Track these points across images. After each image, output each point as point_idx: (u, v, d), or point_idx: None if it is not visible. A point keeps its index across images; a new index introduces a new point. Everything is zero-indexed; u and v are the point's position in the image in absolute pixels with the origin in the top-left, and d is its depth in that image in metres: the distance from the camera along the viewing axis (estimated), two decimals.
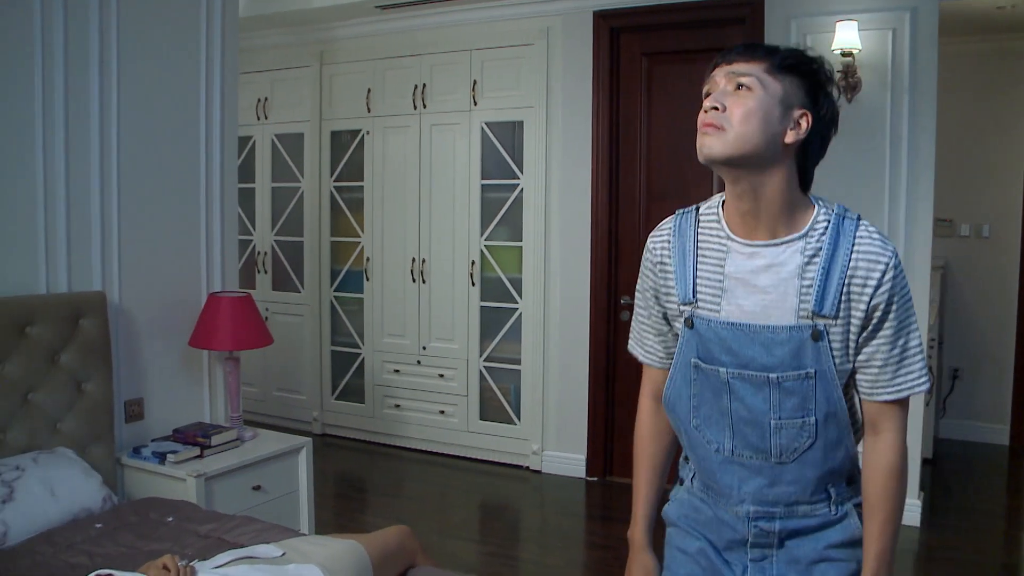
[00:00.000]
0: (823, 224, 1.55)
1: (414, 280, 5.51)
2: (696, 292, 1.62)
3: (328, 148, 5.82)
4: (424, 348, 5.51)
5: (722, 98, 1.52)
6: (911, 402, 1.62)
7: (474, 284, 5.31)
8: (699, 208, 1.68)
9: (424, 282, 5.48)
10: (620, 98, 4.90)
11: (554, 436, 5.15)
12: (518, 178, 5.16)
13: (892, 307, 1.53)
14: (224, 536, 2.68)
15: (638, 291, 1.78)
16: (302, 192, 5.94)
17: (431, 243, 5.44)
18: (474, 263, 5.30)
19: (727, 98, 1.52)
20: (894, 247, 1.55)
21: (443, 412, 5.46)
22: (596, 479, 5.00)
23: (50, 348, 3.04)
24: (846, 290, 1.52)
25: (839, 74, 4.12)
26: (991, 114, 5.58)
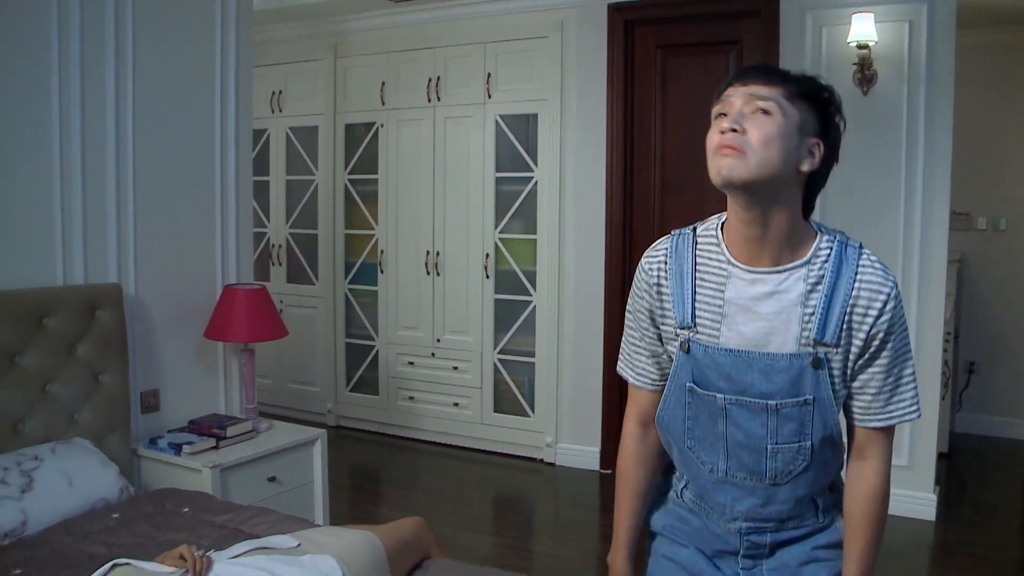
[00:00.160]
0: (825, 251, 1.55)
1: (428, 273, 5.52)
2: (695, 317, 1.60)
3: (342, 141, 5.83)
4: (438, 340, 5.52)
5: (741, 120, 1.49)
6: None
7: (488, 277, 5.31)
8: (696, 229, 1.66)
9: (438, 275, 5.49)
10: (635, 91, 4.89)
11: (568, 429, 5.15)
12: (532, 171, 5.16)
13: (891, 337, 1.54)
14: (240, 527, 2.70)
15: (629, 312, 1.74)
16: (316, 185, 5.96)
17: (445, 236, 5.45)
18: (488, 256, 5.30)
19: (746, 121, 1.49)
20: (895, 277, 1.56)
21: (457, 404, 5.48)
22: (610, 472, 5.00)
23: (67, 340, 3.06)
24: (847, 319, 1.53)
25: (855, 67, 4.10)
26: (1009, 107, 5.53)
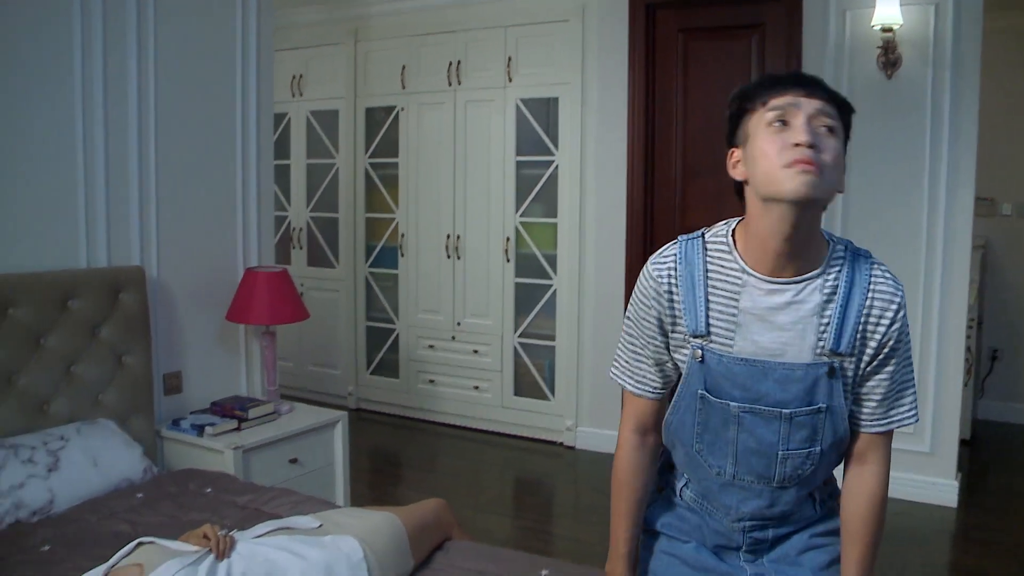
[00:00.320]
0: (839, 261, 1.56)
1: (449, 256, 5.53)
2: (709, 325, 1.59)
3: (363, 125, 5.84)
4: (459, 324, 5.53)
5: (816, 138, 1.47)
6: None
7: (509, 260, 5.32)
8: (704, 235, 1.64)
9: (459, 258, 5.49)
10: (656, 74, 4.86)
11: (588, 412, 5.16)
12: (553, 155, 5.15)
13: (900, 345, 1.57)
14: (262, 507, 2.72)
15: (631, 319, 1.71)
16: (337, 168, 5.97)
17: (466, 219, 5.45)
18: (509, 239, 5.30)
19: (820, 139, 1.48)
20: (903, 287, 1.59)
21: (477, 388, 5.49)
22: None
23: (91, 321, 3.10)
24: (861, 328, 1.54)
25: (879, 50, 4.06)
26: None
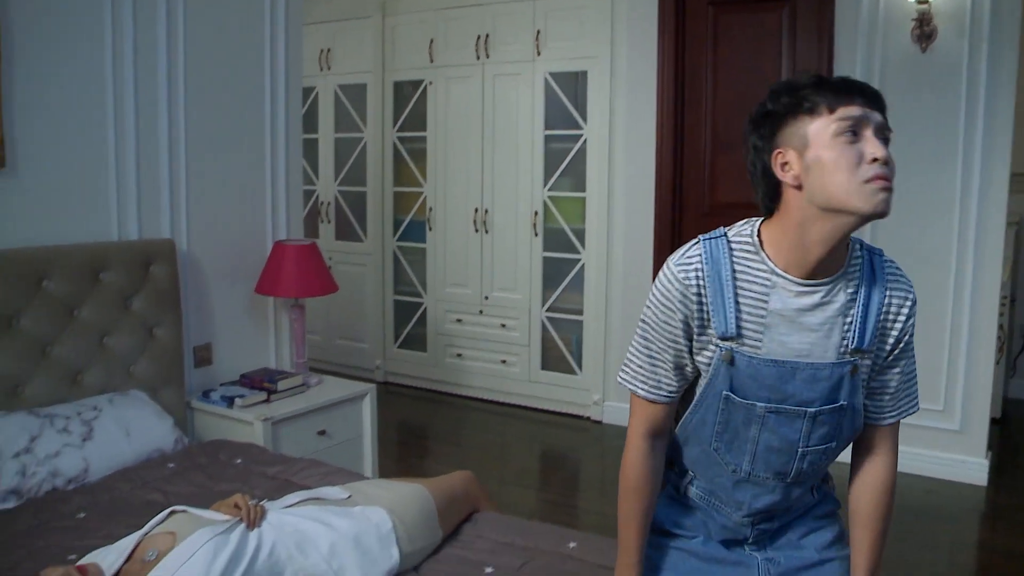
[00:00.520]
0: (859, 260, 1.59)
1: (477, 230, 5.53)
2: (740, 327, 1.56)
3: (391, 99, 5.83)
4: (486, 298, 5.54)
5: (886, 155, 1.46)
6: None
7: (537, 234, 5.31)
8: (727, 235, 1.60)
9: (487, 232, 5.49)
10: (686, 48, 4.80)
11: (615, 386, 5.15)
12: (581, 128, 5.12)
13: (911, 340, 1.62)
14: (291, 478, 2.76)
15: (650, 324, 1.63)
16: (365, 143, 5.98)
17: (494, 193, 5.44)
18: (537, 213, 5.29)
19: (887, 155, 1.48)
20: (912, 283, 1.64)
21: (505, 362, 5.51)
22: None
23: (122, 293, 3.13)
24: (880, 325, 1.58)
25: (913, 23, 3.99)
26: None
